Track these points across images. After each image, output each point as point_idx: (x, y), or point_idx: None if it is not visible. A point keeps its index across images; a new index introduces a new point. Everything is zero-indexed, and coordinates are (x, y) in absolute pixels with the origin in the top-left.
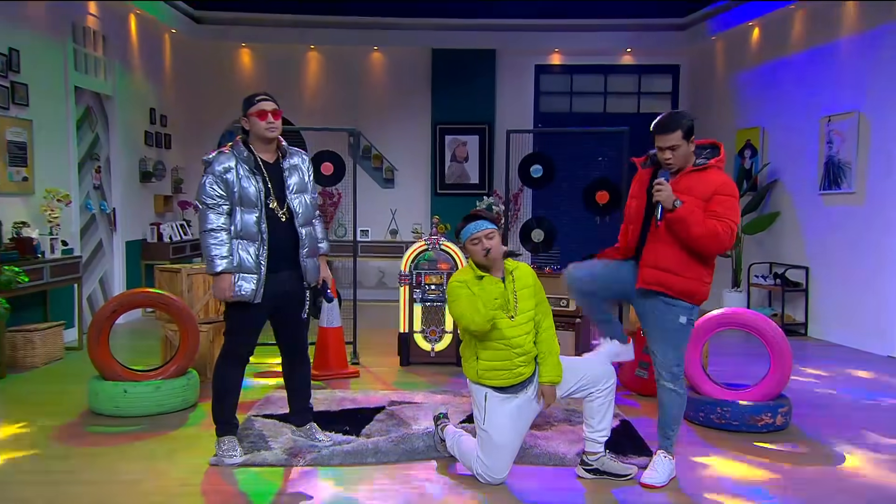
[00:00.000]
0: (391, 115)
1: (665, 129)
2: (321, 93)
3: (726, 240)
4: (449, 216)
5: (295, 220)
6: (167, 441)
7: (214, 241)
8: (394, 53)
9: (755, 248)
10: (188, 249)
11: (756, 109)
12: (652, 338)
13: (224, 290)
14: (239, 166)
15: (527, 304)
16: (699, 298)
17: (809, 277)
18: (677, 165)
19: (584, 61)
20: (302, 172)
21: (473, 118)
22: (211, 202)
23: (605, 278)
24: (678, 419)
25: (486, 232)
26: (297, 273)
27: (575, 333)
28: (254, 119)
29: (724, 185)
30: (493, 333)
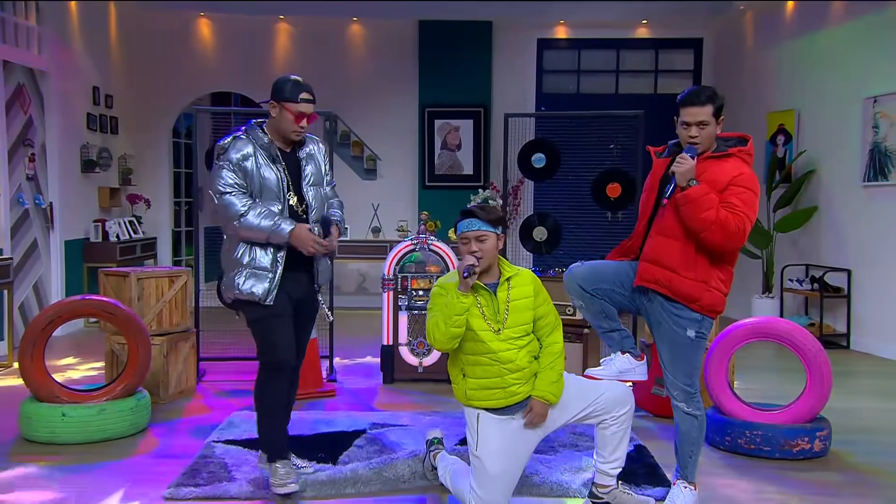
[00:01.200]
0: (373, 96)
1: (696, 100)
2: (292, 70)
3: (735, 235)
4: (439, 212)
5: (310, 215)
6: (113, 473)
7: (258, 215)
8: (376, 25)
9: (789, 247)
10: (138, 250)
11: (790, 90)
12: (661, 352)
13: (308, 240)
14: (258, 154)
15: (521, 316)
16: (707, 307)
17: (852, 282)
18: (702, 146)
19: (593, 35)
20: (318, 161)
21: (467, 100)
22: (230, 189)
23: (611, 281)
24: (697, 445)
25: (477, 233)
26: (308, 275)
27: (583, 346)
28: (286, 115)
29: (743, 176)
30: (478, 347)
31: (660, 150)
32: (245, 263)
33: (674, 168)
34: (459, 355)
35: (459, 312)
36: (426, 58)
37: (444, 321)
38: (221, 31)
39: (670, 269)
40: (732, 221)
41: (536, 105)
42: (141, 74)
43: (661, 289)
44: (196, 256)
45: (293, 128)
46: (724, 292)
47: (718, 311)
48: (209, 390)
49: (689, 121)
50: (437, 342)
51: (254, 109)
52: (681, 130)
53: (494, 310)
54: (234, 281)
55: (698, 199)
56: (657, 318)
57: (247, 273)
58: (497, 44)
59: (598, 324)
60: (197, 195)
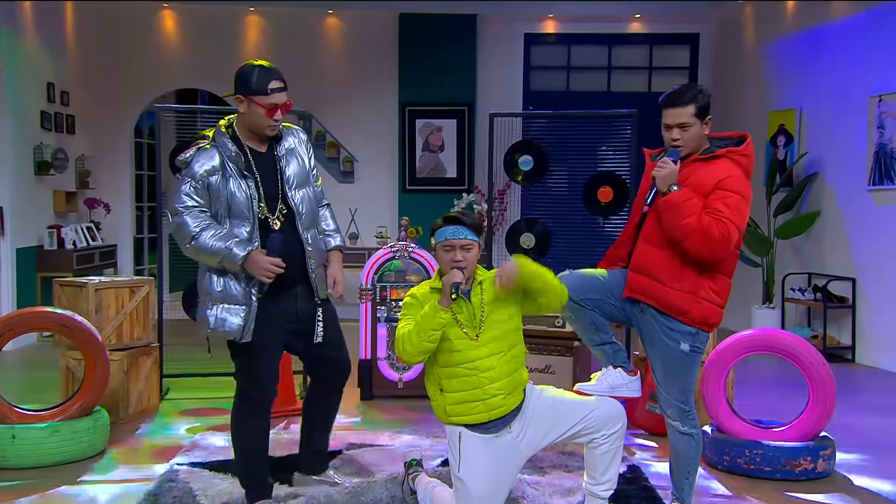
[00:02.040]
0: (350, 94)
1: (675, 101)
2: None
3: (719, 244)
4: (420, 217)
5: (297, 221)
6: (68, 499)
7: (212, 237)
8: (353, 19)
9: (791, 255)
10: (96, 258)
11: (792, 88)
12: (653, 367)
13: (264, 267)
14: (226, 166)
15: (501, 313)
16: (698, 320)
17: (857, 291)
18: (687, 149)
19: (583, 29)
20: (300, 157)
21: (450, 98)
22: (185, 209)
23: (600, 290)
24: (693, 465)
25: (464, 242)
26: (307, 288)
27: (573, 360)
28: (256, 110)
29: (730, 178)
30: (454, 357)
31: (656, 153)
32: (216, 294)
33: (654, 172)
34: (435, 369)
35: (436, 328)
36: (407, 53)
37: (418, 334)
38: (187, 24)
39: (657, 280)
40: (716, 229)
41: (524, 104)
42: (100, 70)
43: (649, 300)
44: (160, 265)
45: (267, 123)
46: (718, 303)
47: (712, 324)
48: (173, 409)
49: (670, 122)
50: (406, 353)
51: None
52: (664, 133)
53: (470, 315)
54: (206, 315)
55: (678, 204)
56: (649, 331)
57: (219, 306)
58: (482, 39)
59: (589, 336)
60: (160, 199)
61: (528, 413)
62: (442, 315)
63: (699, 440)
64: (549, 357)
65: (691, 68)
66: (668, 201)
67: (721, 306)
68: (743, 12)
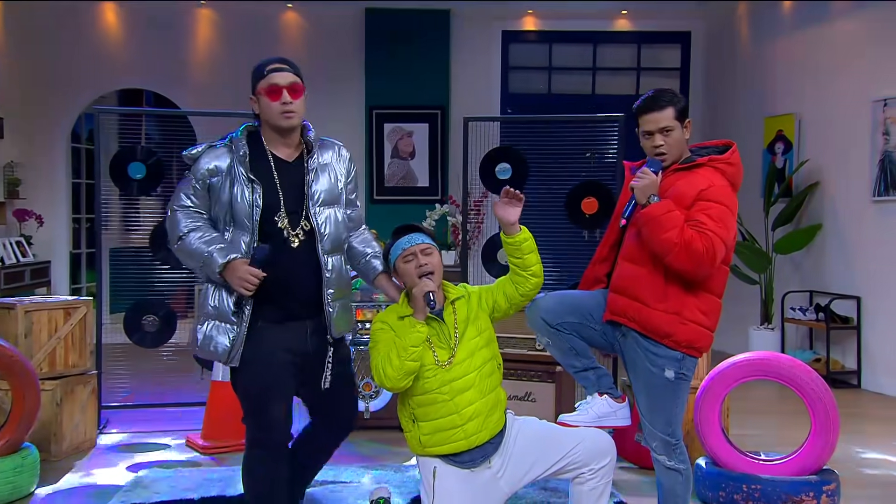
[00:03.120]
0: (311, 96)
1: (653, 105)
2: (215, 65)
3: (703, 258)
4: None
5: (318, 243)
6: None
7: (199, 238)
8: (314, 14)
9: (790, 271)
10: (27, 276)
11: (790, 91)
12: (637, 397)
13: (242, 276)
14: (235, 168)
15: (474, 327)
16: (684, 343)
17: (862, 311)
18: (670, 157)
19: (566, 27)
20: (335, 174)
21: (421, 101)
22: (179, 208)
23: (579, 313)
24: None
25: (422, 246)
26: (319, 322)
27: (555, 387)
28: (263, 99)
29: (712, 188)
30: (428, 383)
31: (637, 165)
32: (210, 310)
33: (632, 183)
34: (408, 398)
35: (416, 343)
36: (374, 52)
37: (398, 355)
38: (131, 18)
39: (639, 300)
40: (699, 242)
41: (501, 107)
42: (32, 68)
43: (631, 323)
44: (99, 284)
45: (277, 110)
46: (706, 325)
47: (700, 348)
48: (112, 444)
49: (651, 129)
50: (390, 379)
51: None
52: (644, 142)
53: (446, 336)
54: (196, 331)
55: (658, 217)
56: (632, 357)
57: (210, 323)
58: (456, 36)
59: (569, 362)
60: (100, 210)
61: (508, 447)
62: (420, 329)
63: (688, 476)
64: (529, 383)
65: (682, 69)
66: (648, 214)
67: (710, 328)
68: (737, 10)
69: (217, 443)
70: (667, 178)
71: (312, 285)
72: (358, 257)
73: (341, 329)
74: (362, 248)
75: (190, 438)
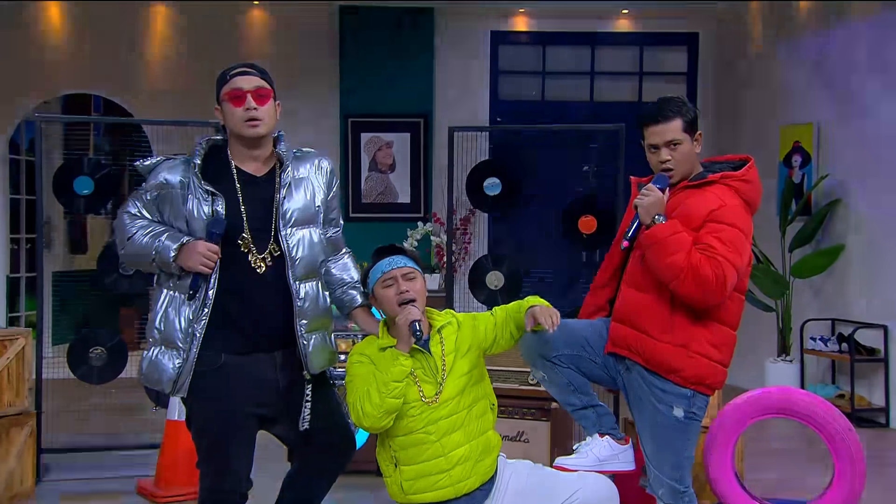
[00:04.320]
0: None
1: (658, 116)
2: (173, 68)
3: (712, 286)
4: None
5: (288, 270)
6: None
7: (148, 233)
8: (283, 12)
9: (810, 297)
10: None
11: (809, 98)
12: (642, 438)
13: (203, 252)
14: (192, 181)
15: (463, 363)
16: (693, 380)
17: (889, 341)
18: (678, 173)
19: (561, 27)
20: (311, 190)
21: (402, 108)
22: (126, 215)
23: (577, 345)
24: None
25: (404, 270)
26: (290, 355)
27: (550, 426)
28: (226, 106)
29: (724, 208)
30: (412, 422)
31: (644, 181)
32: (156, 334)
33: (636, 201)
34: (389, 439)
35: (398, 378)
36: (350, 54)
37: (378, 391)
38: (78, 17)
39: (643, 331)
40: (708, 268)
41: (491, 116)
42: None
43: (635, 356)
44: (40, 312)
45: (241, 117)
46: (718, 360)
47: (711, 385)
48: (53, 492)
49: (657, 142)
50: (368, 418)
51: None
52: (650, 157)
53: (431, 369)
54: (142, 359)
55: (664, 239)
56: (636, 393)
57: (156, 349)
58: (441, 37)
59: (566, 400)
60: (42, 228)
61: (499, 494)
62: (403, 362)
63: None
64: (521, 422)
65: (689, 74)
66: (652, 235)
67: (722, 363)
68: (749, 9)
69: (172, 490)
70: (675, 195)
71: (282, 315)
72: (335, 285)
73: (319, 364)
74: (340, 276)
75: (142, 485)
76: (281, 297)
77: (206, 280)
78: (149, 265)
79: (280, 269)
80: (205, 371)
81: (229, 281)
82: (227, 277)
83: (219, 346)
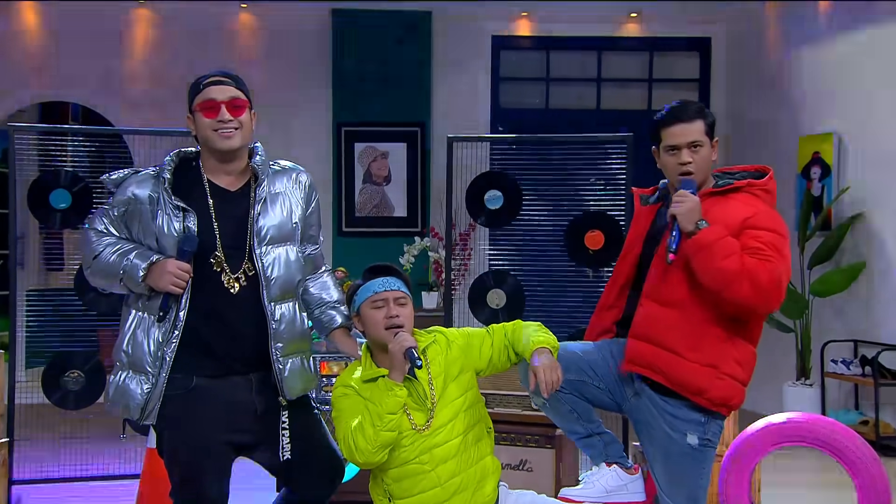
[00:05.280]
0: (269, 110)
1: (681, 115)
2: (156, 75)
3: (771, 290)
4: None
5: (263, 290)
6: None
7: (116, 251)
8: (273, 15)
9: (831, 317)
10: None
11: (829, 106)
12: (653, 466)
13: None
14: (161, 196)
15: (455, 386)
16: (718, 401)
17: None
18: (699, 177)
19: (566, 31)
20: (289, 206)
21: (397, 117)
22: (93, 231)
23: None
24: None
25: (397, 294)
26: (266, 378)
27: (554, 454)
28: (199, 117)
29: (759, 214)
30: (405, 453)
31: (648, 193)
32: (123, 358)
33: (672, 210)
34: (381, 473)
35: (394, 410)
36: (342, 60)
37: (372, 424)
38: (55, 19)
39: (669, 349)
40: (764, 271)
41: (492, 125)
42: None
43: (657, 376)
44: (12, 333)
45: (213, 127)
46: (741, 379)
47: (732, 406)
48: None
49: (678, 143)
50: (362, 453)
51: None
52: (667, 158)
53: (420, 395)
54: (108, 384)
55: (712, 243)
56: (646, 420)
57: (123, 373)
58: (438, 42)
59: (570, 428)
60: (15, 244)
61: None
62: (398, 392)
63: None
64: (524, 450)
65: (701, 81)
66: (699, 242)
67: (744, 383)
68: (765, 11)
69: None
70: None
71: (257, 338)
72: (313, 305)
73: (297, 389)
74: (319, 295)
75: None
76: (256, 318)
77: (176, 301)
78: (117, 285)
79: (254, 289)
80: (175, 395)
81: (201, 302)
82: (199, 298)
83: (190, 370)
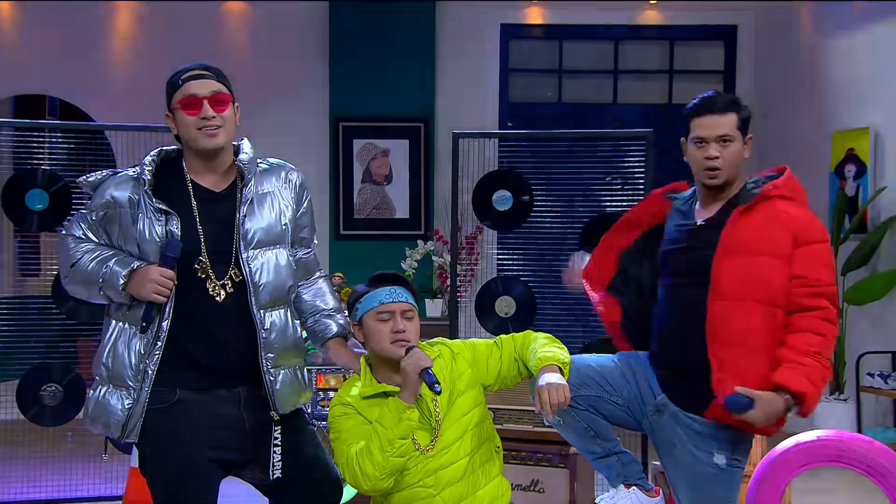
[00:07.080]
0: (262, 105)
1: (712, 106)
2: (140, 67)
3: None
4: (359, 274)
5: (251, 297)
6: None
7: (95, 258)
8: (266, 3)
9: (867, 327)
10: None
11: (864, 100)
12: (675, 488)
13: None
14: (142, 199)
15: (461, 404)
16: None
17: None
18: (724, 176)
19: (580, 19)
20: (278, 206)
21: (399, 111)
22: (71, 238)
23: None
24: None
25: (404, 307)
26: (255, 392)
27: (569, 475)
28: (179, 114)
29: (806, 224)
30: (408, 477)
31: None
32: (103, 371)
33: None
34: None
35: (405, 435)
36: (340, 51)
37: (381, 449)
38: (33, 10)
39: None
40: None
41: (500, 120)
42: None
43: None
44: None
45: (196, 125)
46: None
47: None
48: None
49: (706, 135)
50: (369, 479)
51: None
52: (693, 151)
53: (425, 414)
54: (87, 399)
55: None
56: (668, 438)
57: (104, 388)
58: (444, 31)
59: (586, 447)
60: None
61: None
62: (411, 416)
63: None
64: (535, 469)
65: (726, 73)
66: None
67: None
68: None
69: None
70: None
71: (245, 349)
72: (307, 313)
73: (290, 403)
74: (313, 303)
75: None
76: (244, 328)
77: (159, 310)
78: (97, 294)
79: (242, 296)
80: (158, 409)
81: (185, 311)
82: (183, 307)
83: (174, 384)
